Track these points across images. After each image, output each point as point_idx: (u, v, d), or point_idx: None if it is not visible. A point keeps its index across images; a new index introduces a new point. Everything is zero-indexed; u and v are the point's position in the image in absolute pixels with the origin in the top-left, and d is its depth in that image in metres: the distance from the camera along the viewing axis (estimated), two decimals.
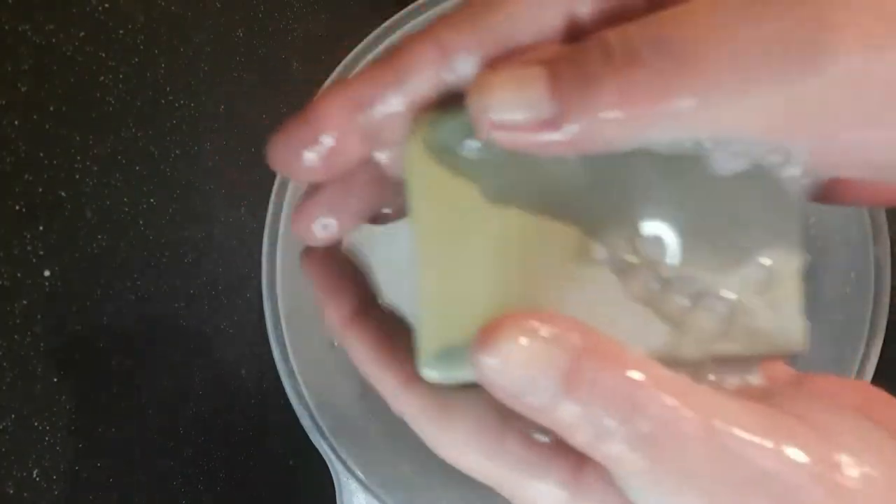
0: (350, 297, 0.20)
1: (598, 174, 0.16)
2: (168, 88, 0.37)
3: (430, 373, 0.16)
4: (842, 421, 0.15)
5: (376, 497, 0.42)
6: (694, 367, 0.16)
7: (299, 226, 0.19)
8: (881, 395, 0.17)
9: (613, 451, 0.14)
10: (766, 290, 0.16)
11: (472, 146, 0.16)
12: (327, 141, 0.16)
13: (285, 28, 0.46)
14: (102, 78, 0.33)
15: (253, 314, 0.44)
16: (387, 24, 0.43)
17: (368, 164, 0.18)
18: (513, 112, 0.14)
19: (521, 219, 0.16)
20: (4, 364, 0.28)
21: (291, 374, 0.43)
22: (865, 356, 0.39)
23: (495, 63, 0.15)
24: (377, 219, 0.20)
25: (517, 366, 0.14)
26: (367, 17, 0.46)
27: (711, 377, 0.16)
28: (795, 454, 0.14)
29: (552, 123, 0.14)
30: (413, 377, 0.17)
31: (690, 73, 0.13)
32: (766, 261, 0.16)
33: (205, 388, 0.41)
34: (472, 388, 0.16)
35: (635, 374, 0.14)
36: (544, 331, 0.14)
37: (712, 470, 0.14)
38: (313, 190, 0.18)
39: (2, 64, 0.28)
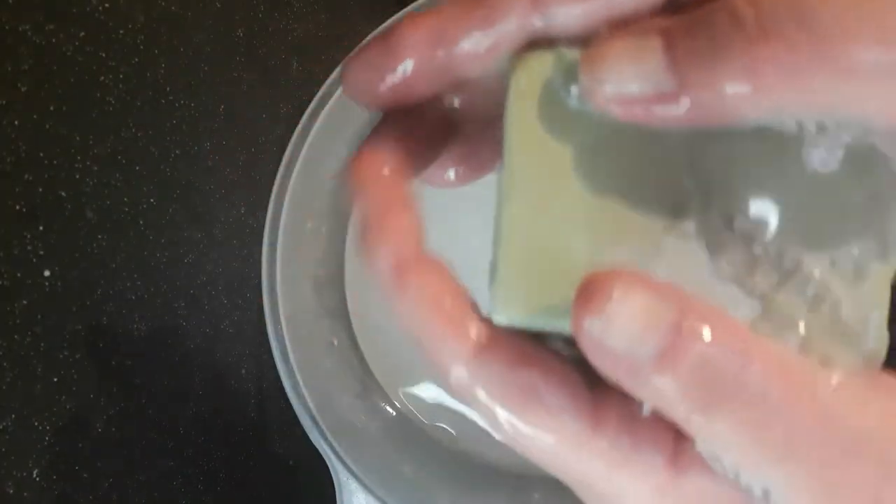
0: (407, 240, 0.16)
1: (700, 144, 0.16)
2: (168, 88, 0.37)
3: (503, 317, 0.15)
4: None
5: (376, 497, 0.42)
6: None
7: (361, 167, 0.17)
8: None
9: (717, 420, 0.14)
10: (855, 284, 0.15)
11: (573, 94, 0.16)
12: (404, 70, 0.16)
13: (285, 28, 0.46)
14: (102, 78, 0.32)
15: (253, 314, 0.44)
16: (387, 24, 0.43)
17: (436, 107, 0.17)
18: (629, 85, 0.14)
19: (616, 179, 0.16)
20: (4, 364, 0.28)
21: (291, 374, 0.43)
22: None
23: (598, 24, 0.15)
24: (435, 177, 0.19)
25: (627, 323, 0.14)
26: (367, 17, 0.46)
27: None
28: (888, 424, 0.14)
29: (671, 96, 0.14)
30: (482, 346, 0.15)
31: (835, 51, 0.12)
32: (859, 254, 0.15)
33: (205, 388, 0.41)
34: (552, 356, 0.15)
35: (740, 336, 0.14)
36: (649, 288, 0.14)
37: (818, 440, 0.13)
38: (377, 131, 0.17)
39: (2, 64, 0.28)
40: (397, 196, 0.17)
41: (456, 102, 0.17)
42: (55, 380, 0.31)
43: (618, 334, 0.14)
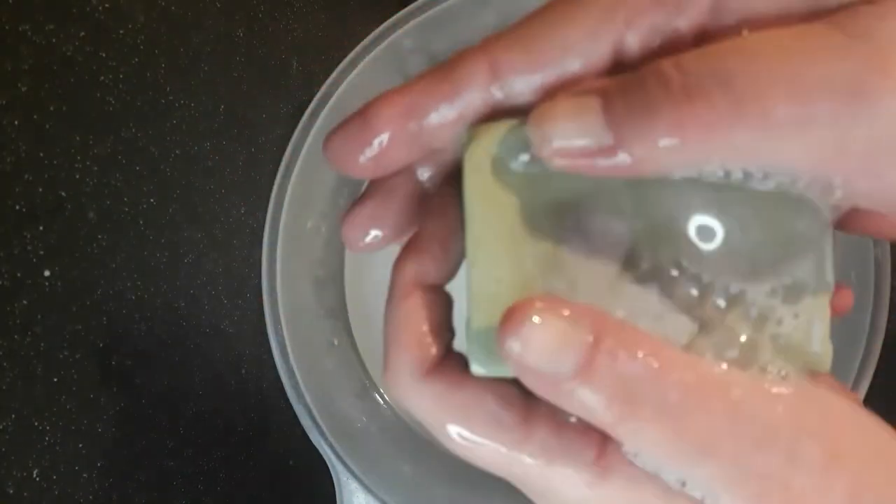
0: (424, 272, 0.19)
1: (644, 192, 0.17)
2: (168, 88, 0.37)
3: (479, 369, 0.17)
4: (828, 388, 0.17)
5: (376, 497, 0.42)
6: None
7: (349, 235, 0.20)
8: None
9: (636, 428, 0.15)
10: (795, 303, 0.17)
11: (524, 159, 0.17)
12: (380, 142, 0.18)
13: (285, 28, 0.46)
14: (102, 78, 0.32)
15: (253, 314, 0.44)
16: (387, 24, 0.43)
17: (409, 180, 0.19)
18: (572, 140, 0.15)
19: (569, 233, 0.17)
20: (4, 364, 0.28)
21: (291, 374, 0.43)
22: (865, 356, 0.39)
23: (549, 90, 0.17)
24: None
25: (540, 343, 0.15)
26: (367, 17, 0.46)
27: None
28: (798, 418, 0.16)
29: (609, 150, 0.15)
30: (431, 372, 0.18)
31: (748, 108, 0.14)
32: (796, 274, 0.17)
33: (205, 388, 0.41)
34: (494, 381, 0.18)
35: (654, 352, 0.16)
36: (564, 311, 0.16)
37: (729, 434, 0.15)
38: (359, 202, 0.20)
39: (2, 64, 0.28)
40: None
41: (426, 174, 0.19)
42: (55, 380, 0.31)
43: (534, 353, 0.15)
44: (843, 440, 0.16)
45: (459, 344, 0.19)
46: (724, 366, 0.16)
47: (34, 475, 0.30)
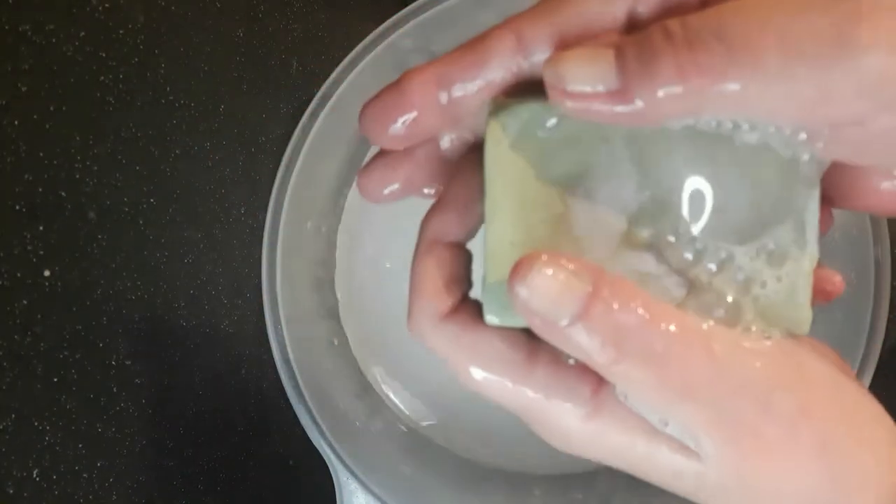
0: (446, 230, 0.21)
1: (645, 160, 0.19)
2: (168, 88, 0.37)
3: (493, 318, 0.20)
4: (810, 349, 0.19)
5: (376, 497, 0.42)
6: None
7: (366, 185, 0.21)
8: (818, 343, 0.21)
9: (625, 370, 0.17)
10: (779, 266, 0.19)
11: (542, 131, 0.19)
12: (412, 113, 0.19)
13: (285, 28, 0.46)
14: (102, 78, 0.32)
15: (253, 314, 0.44)
16: (387, 24, 0.43)
17: (432, 143, 0.21)
18: (583, 83, 0.17)
19: (579, 200, 0.19)
20: (4, 364, 0.28)
21: (291, 374, 0.43)
22: (865, 356, 0.39)
23: (568, 46, 0.18)
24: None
25: (544, 290, 0.17)
26: (367, 17, 0.46)
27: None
28: (774, 372, 0.18)
29: (617, 94, 0.17)
30: (447, 318, 0.20)
31: (741, 56, 0.16)
32: (780, 238, 0.19)
33: (205, 388, 0.41)
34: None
35: (645, 304, 0.18)
36: (568, 265, 0.18)
37: (708, 381, 0.17)
38: (380, 155, 0.21)
39: (2, 64, 0.28)
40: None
41: (447, 142, 0.21)
42: (55, 380, 0.31)
43: (538, 298, 0.17)
44: (814, 396, 0.18)
45: (476, 294, 0.21)
46: (711, 322, 0.18)
47: (34, 475, 0.30)
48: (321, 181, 0.47)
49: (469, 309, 0.21)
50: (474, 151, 0.21)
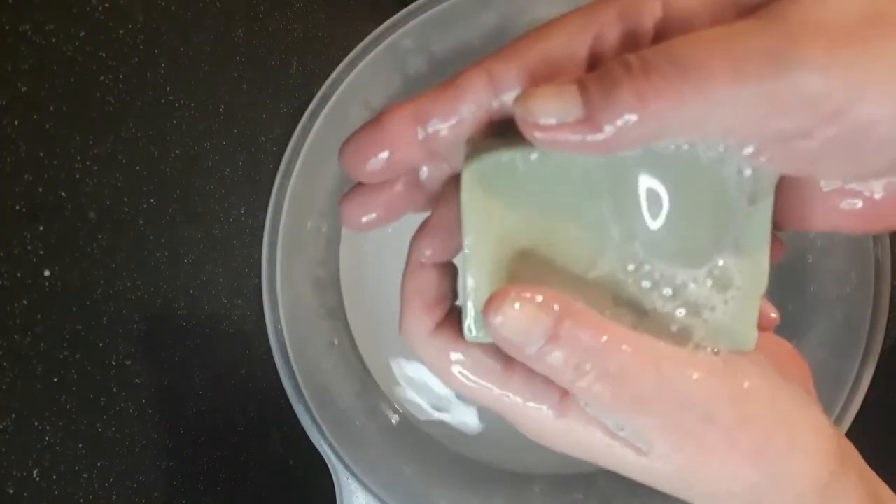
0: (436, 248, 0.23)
1: (610, 194, 0.21)
2: (168, 88, 0.37)
3: (471, 334, 0.22)
4: (752, 364, 0.21)
5: (376, 497, 0.42)
6: None
7: (347, 215, 0.23)
8: (785, 346, 0.24)
9: (585, 386, 0.20)
10: (725, 289, 0.21)
11: (512, 173, 0.20)
12: (390, 149, 0.21)
13: (285, 28, 0.46)
14: (102, 78, 0.32)
15: (253, 314, 0.44)
16: (387, 24, 0.43)
17: (411, 173, 0.22)
18: (551, 116, 0.18)
19: (547, 231, 0.21)
20: (4, 364, 0.28)
21: (291, 374, 0.43)
22: (865, 356, 0.39)
23: (536, 83, 0.20)
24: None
25: (514, 321, 0.20)
26: (367, 17, 0.46)
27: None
28: (715, 387, 0.20)
29: (584, 124, 0.18)
30: (439, 330, 0.22)
31: (693, 77, 0.17)
32: (728, 261, 0.21)
33: (205, 388, 0.41)
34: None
35: (603, 331, 0.20)
36: (535, 298, 0.20)
37: (656, 395, 0.20)
38: (357, 186, 0.23)
39: (2, 64, 0.28)
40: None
41: (424, 174, 0.22)
42: (55, 380, 0.31)
43: (509, 328, 0.20)
44: (754, 407, 0.21)
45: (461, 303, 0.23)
46: (661, 343, 0.20)
47: (34, 475, 0.30)
48: (321, 181, 0.47)
49: (454, 322, 0.23)
50: (456, 178, 0.22)
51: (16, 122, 0.28)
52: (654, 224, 0.21)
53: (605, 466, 0.22)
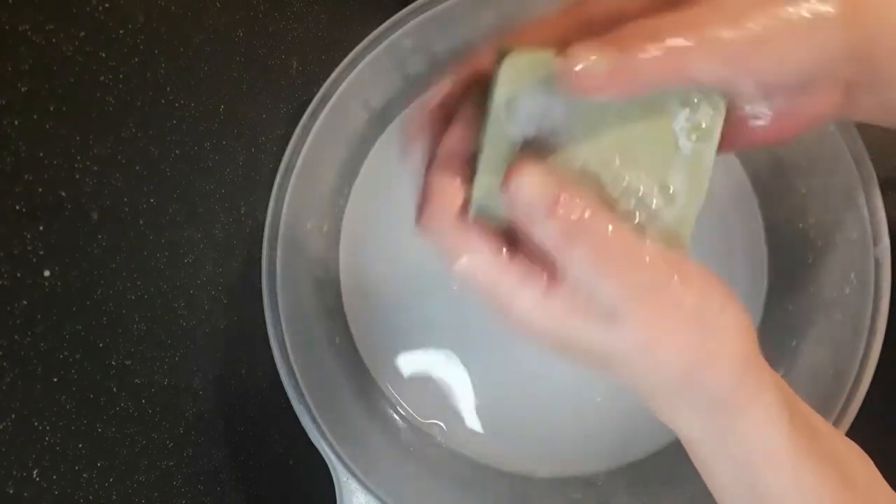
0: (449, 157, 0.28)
1: (606, 119, 0.26)
2: (168, 88, 0.37)
3: (478, 203, 0.26)
4: (686, 255, 0.27)
5: (376, 497, 0.42)
6: None
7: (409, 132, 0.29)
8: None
9: (570, 249, 0.25)
10: (674, 201, 0.27)
11: (542, 69, 0.25)
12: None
13: (285, 28, 0.46)
14: (102, 78, 0.32)
15: (253, 314, 0.44)
16: (387, 24, 0.43)
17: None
18: (582, 65, 0.23)
19: (554, 130, 0.26)
20: (4, 364, 0.28)
21: (291, 374, 0.43)
22: (865, 356, 0.39)
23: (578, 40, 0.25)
24: None
25: (528, 186, 0.25)
26: (367, 17, 0.46)
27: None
28: (665, 262, 0.26)
29: (610, 74, 0.23)
30: (462, 216, 0.27)
31: (702, 34, 0.24)
32: (677, 181, 0.27)
33: (205, 388, 0.41)
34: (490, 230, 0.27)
35: (589, 205, 0.25)
36: (543, 173, 0.25)
37: (625, 266, 0.25)
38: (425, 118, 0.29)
39: (2, 64, 0.28)
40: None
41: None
42: (55, 380, 0.31)
43: (524, 191, 0.25)
44: (692, 276, 0.26)
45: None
46: (628, 228, 0.25)
47: (34, 475, 0.30)
48: (321, 181, 0.47)
49: (466, 212, 0.27)
50: (476, 88, 0.27)
51: (16, 122, 0.28)
52: (630, 147, 0.26)
53: (578, 349, 0.26)
